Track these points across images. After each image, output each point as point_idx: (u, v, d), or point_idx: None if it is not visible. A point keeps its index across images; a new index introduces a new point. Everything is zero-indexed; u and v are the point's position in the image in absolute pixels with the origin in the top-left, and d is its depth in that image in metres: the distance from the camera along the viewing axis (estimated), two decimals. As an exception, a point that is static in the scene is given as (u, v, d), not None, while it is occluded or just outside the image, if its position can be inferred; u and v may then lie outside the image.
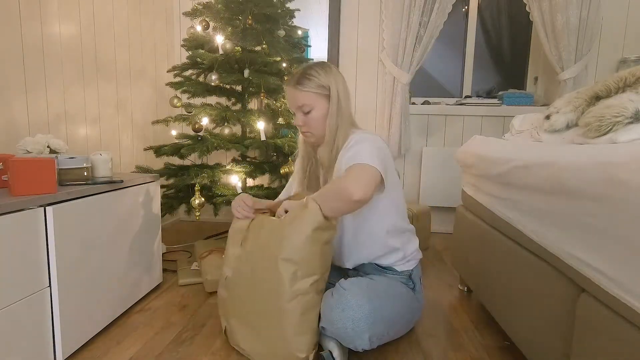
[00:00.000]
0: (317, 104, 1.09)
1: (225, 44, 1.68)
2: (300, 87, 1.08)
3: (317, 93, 1.08)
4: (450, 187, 2.41)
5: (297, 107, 1.11)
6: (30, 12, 1.43)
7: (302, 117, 1.11)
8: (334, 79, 1.09)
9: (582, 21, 2.14)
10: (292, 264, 0.97)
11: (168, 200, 1.81)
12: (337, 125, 1.09)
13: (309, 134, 1.13)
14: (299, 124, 1.12)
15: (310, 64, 1.12)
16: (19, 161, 0.95)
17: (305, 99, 1.08)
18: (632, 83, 0.87)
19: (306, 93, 1.08)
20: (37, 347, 0.96)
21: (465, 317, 1.36)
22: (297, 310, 0.98)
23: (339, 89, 1.09)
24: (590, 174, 0.67)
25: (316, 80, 1.08)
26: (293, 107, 1.13)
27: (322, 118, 1.09)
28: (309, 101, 1.08)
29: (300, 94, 1.08)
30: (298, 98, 1.09)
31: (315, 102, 1.08)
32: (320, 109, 1.09)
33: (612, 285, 0.63)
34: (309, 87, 1.08)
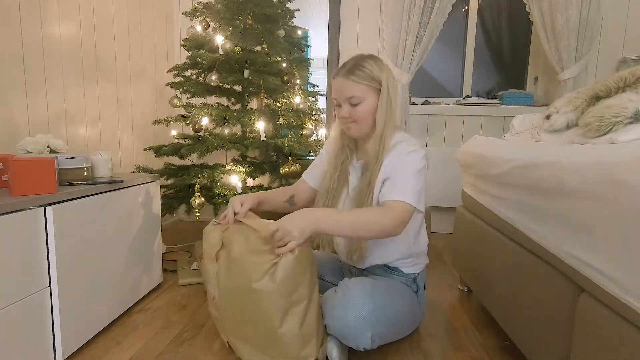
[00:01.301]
0: (368, 97, 1.06)
1: (225, 44, 1.68)
2: (353, 77, 1.05)
3: (369, 85, 1.05)
4: (450, 187, 2.41)
5: (345, 99, 1.07)
6: (30, 12, 1.43)
7: (349, 109, 1.07)
8: (386, 73, 1.07)
9: (582, 21, 2.14)
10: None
11: (168, 200, 1.81)
12: (385, 120, 1.07)
13: (353, 125, 1.09)
14: (344, 115, 1.08)
15: (363, 55, 1.09)
16: (19, 161, 0.95)
17: (356, 90, 1.05)
18: (632, 83, 0.87)
19: (358, 84, 1.05)
20: (37, 347, 0.96)
21: (465, 317, 1.36)
22: (294, 329, 0.94)
23: (389, 83, 1.07)
24: (590, 174, 0.67)
25: (369, 72, 1.05)
26: (340, 98, 1.08)
27: (370, 112, 1.07)
28: (360, 93, 1.05)
29: (352, 84, 1.05)
30: (349, 89, 1.05)
31: (366, 95, 1.06)
32: (370, 102, 1.06)
33: (612, 285, 0.63)
34: (362, 78, 1.05)
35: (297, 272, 0.94)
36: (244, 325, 1.00)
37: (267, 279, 0.92)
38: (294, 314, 0.94)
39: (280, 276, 0.91)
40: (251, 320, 0.97)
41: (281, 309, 0.93)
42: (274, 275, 0.92)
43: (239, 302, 0.98)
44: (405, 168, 1.03)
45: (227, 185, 1.79)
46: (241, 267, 0.96)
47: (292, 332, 0.94)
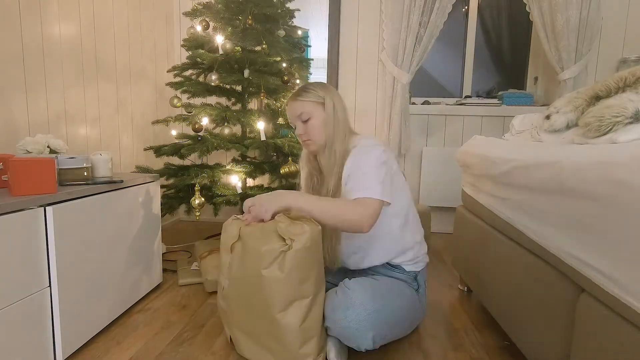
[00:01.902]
0: (315, 112, 1.15)
1: (225, 44, 1.68)
2: (299, 97, 1.17)
3: (315, 102, 1.15)
4: (450, 187, 2.41)
5: (296, 117, 1.17)
6: (30, 12, 1.43)
7: (302, 126, 1.17)
8: (330, 93, 1.17)
9: (582, 21, 2.14)
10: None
11: (168, 200, 1.81)
12: (333, 131, 1.14)
13: (309, 142, 1.18)
14: (299, 133, 1.18)
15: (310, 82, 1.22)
16: (19, 161, 0.95)
17: (302, 107, 1.16)
18: (632, 83, 0.87)
19: (303, 102, 1.16)
20: (37, 347, 0.96)
21: (465, 317, 1.36)
22: (295, 323, 0.96)
23: (334, 100, 1.16)
24: (590, 174, 0.67)
25: (313, 92, 1.16)
26: (293, 119, 1.19)
27: (320, 126, 1.15)
28: (306, 109, 1.15)
29: (298, 103, 1.16)
30: (297, 108, 1.16)
31: (312, 110, 1.15)
32: (317, 116, 1.15)
33: (612, 285, 0.63)
34: (306, 97, 1.16)
35: (305, 264, 0.97)
36: (249, 315, 1.01)
37: (276, 267, 0.94)
38: (298, 307, 0.96)
39: (288, 265, 0.94)
40: (257, 309, 0.98)
41: (286, 299, 0.95)
42: (283, 264, 0.94)
43: (248, 290, 1.00)
44: (363, 165, 1.06)
45: (227, 185, 1.79)
46: (253, 256, 0.98)
47: (293, 326, 0.95)
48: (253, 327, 1.01)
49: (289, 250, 0.94)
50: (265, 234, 1.00)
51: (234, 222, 1.10)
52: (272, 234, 1.00)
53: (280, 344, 0.97)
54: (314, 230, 1.00)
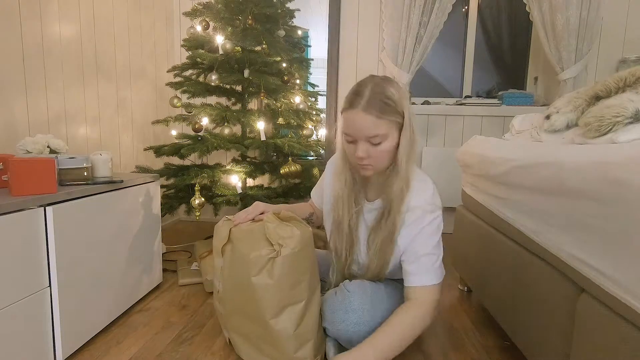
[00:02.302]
0: (391, 134, 0.91)
1: (225, 44, 1.68)
2: (376, 112, 0.88)
3: (393, 121, 0.90)
4: (450, 187, 2.41)
5: (366, 137, 0.90)
6: (30, 12, 1.43)
7: (369, 148, 0.91)
8: (406, 100, 0.92)
9: (582, 21, 2.14)
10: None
11: (168, 200, 1.81)
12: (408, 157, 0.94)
13: (370, 167, 0.95)
14: (361, 156, 0.91)
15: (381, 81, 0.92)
16: (19, 161, 0.95)
17: (379, 128, 0.88)
18: (632, 83, 0.87)
19: (382, 120, 0.88)
20: (37, 347, 0.96)
21: (465, 317, 1.36)
22: (289, 329, 0.94)
23: (411, 114, 0.92)
24: (590, 174, 0.67)
25: (394, 105, 0.89)
26: (358, 135, 0.91)
27: (391, 150, 0.93)
28: (383, 131, 0.89)
29: (375, 121, 0.88)
30: (372, 127, 0.88)
31: (389, 132, 0.91)
32: (392, 139, 0.92)
33: (612, 285, 0.63)
34: (387, 113, 0.88)
35: (296, 269, 0.95)
36: (243, 319, 1.00)
37: (265, 274, 0.93)
38: (291, 312, 0.95)
39: (278, 272, 0.92)
40: (250, 315, 0.98)
41: (278, 305, 0.94)
42: (272, 271, 0.93)
43: (240, 296, 0.99)
44: (427, 244, 0.97)
45: (227, 185, 1.79)
46: (242, 262, 0.97)
47: (287, 331, 0.94)
48: (248, 330, 1.01)
49: (277, 257, 0.93)
50: (254, 238, 0.98)
51: (225, 223, 1.08)
52: (260, 238, 0.98)
53: (275, 348, 0.97)
54: (304, 233, 0.97)
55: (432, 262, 0.99)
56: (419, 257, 0.98)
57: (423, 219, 0.97)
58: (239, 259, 0.98)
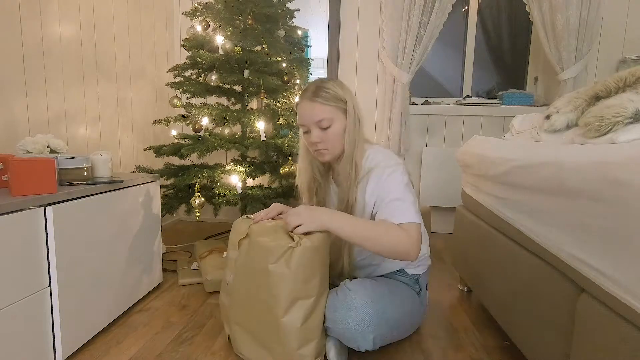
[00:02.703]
0: (337, 119, 1.04)
1: (225, 44, 1.68)
2: (319, 100, 1.02)
3: (336, 107, 1.03)
4: (450, 187, 2.41)
5: (314, 122, 1.04)
6: (30, 12, 1.43)
7: (320, 133, 1.04)
8: (349, 94, 1.06)
9: (582, 21, 2.14)
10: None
11: (168, 200, 1.81)
12: (355, 141, 1.04)
13: (325, 151, 1.06)
14: (315, 140, 1.04)
15: (320, 79, 1.08)
16: (19, 161, 0.95)
17: (324, 112, 1.02)
18: (632, 83, 0.87)
19: (325, 106, 1.02)
20: (37, 347, 0.96)
21: (465, 317, 1.36)
22: (296, 322, 0.95)
23: (354, 102, 1.06)
24: (590, 174, 0.67)
25: (334, 94, 1.03)
26: (309, 122, 1.05)
27: (340, 133, 1.05)
28: (328, 115, 1.02)
29: (319, 107, 1.02)
30: (317, 112, 1.02)
31: (334, 117, 1.03)
32: (339, 123, 1.04)
33: (612, 285, 0.63)
34: (328, 100, 1.02)
35: (312, 264, 0.96)
36: (251, 310, 1.01)
37: (283, 263, 0.94)
38: (301, 306, 0.96)
39: (295, 263, 0.94)
40: (259, 305, 0.98)
41: (290, 295, 0.94)
42: (290, 261, 0.94)
43: (252, 285, 1.00)
44: (394, 191, 1.01)
45: (227, 185, 1.79)
46: (260, 250, 0.98)
47: (294, 325, 0.95)
48: (253, 323, 1.01)
49: (298, 247, 0.94)
50: (274, 232, 1.01)
51: (244, 220, 1.11)
52: (281, 231, 1.01)
53: (279, 342, 0.97)
54: (324, 234, 1.00)
55: (405, 206, 0.99)
56: (387, 203, 1.00)
57: (383, 172, 1.03)
58: (258, 248, 0.99)
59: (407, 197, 1.01)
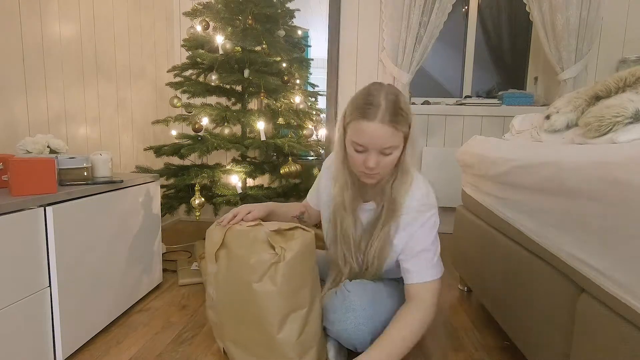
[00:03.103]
0: (400, 145, 0.93)
1: (225, 44, 1.68)
2: (395, 125, 0.87)
3: (404, 132, 0.91)
4: (450, 187, 2.41)
5: (380, 148, 0.90)
6: (30, 12, 1.43)
7: (379, 159, 0.91)
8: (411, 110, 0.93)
9: (582, 21, 2.14)
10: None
11: (168, 200, 1.81)
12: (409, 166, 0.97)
13: (377, 175, 0.95)
14: (371, 166, 0.90)
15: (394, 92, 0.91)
16: (19, 161, 0.95)
17: (394, 139, 0.89)
18: (632, 83, 0.87)
19: (398, 132, 0.89)
20: (37, 347, 0.96)
21: (465, 317, 1.36)
22: (292, 337, 0.91)
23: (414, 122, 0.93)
24: (590, 174, 0.67)
25: (406, 116, 0.90)
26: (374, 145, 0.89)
27: (395, 161, 0.94)
28: (397, 142, 0.90)
29: (394, 133, 0.88)
30: (389, 139, 0.88)
31: (399, 144, 0.92)
32: (400, 148, 0.93)
33: (612, 285, 0.63)
34: (402, 125, 0.89)
35: (299, 274, 0.93)
36: (241, 326, 0.97)
37: (268, 280, 0.90)
38: (294, 320, 0.92)
39: (281, 278, 0.89)
40: (249, 322, 0.94)
41: (281, 313, 0.90)
42: (275, 277, 0.90)
43: (238, 304, 0.96)
44: (424, 241, 1.00)
45: (227, 185, 1.79)
46: (241, 267, 0.94)
47: (290, 339, 0.91)
48: (247, 338, 0.96)
49: (280, 262, 0.89)
50: (252, 241, 0.95)
51: (218, 227, 1.04)
52: (259, 240, 0.94)
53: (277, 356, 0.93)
54: (306, 235, 0.96)
55: (429, 259, 1.01)
56: (417, 254, 1.00)
57: (418, 219, 1.00)
58: (237, 263, 0.94)
59: (433, 247, 1.02)
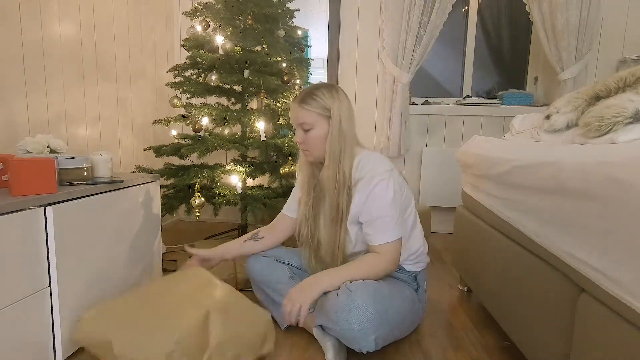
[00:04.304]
0: (318, 124, 1.10)
1: (225, 44, 1.68)
2: (304, 105, 1.10)
3: (319, 113, 1.10)
4: (450, 187, 2.41)
5: (298, 124, 1.13)
6: (30, 12, 1.43)
7: (302, 135, 1.13)
8: (338, 101, 1.11)
9: (582, 21, 2.14)
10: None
11: (168, 200, 1.81)
12: (339, 148, 1.10)
13: (307, 152, 1.15)
14: (298, 140, 1.14)
15: (319, 84, 1.14)
16: (19, 161, 0.95)
17: (306, 117, 1.10)
18: (632, 83, 0.87)
19: (308, 112, 1.10)
20: (37, 347, 0.96)
21: (465, 317, 1.36)
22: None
23: (341, 111, 1.10)
24: (590, 174, 0.67)
25: (320, 101, 1.10)
26: (294, 124, 1.15)
27: (321, 138, 1.11)
28: (309, 120, 1.10)
29: (302, 112, 1.10)
30: (300, 116, 1.11)
31: (315, 122, 1.10)
32: (320, 128, 1.11)
33: (612, 285, 0.63)
34: (312, 106, 1.10)
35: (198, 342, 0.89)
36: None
37: None
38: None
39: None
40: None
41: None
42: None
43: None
44: (377, 208, 1.07)
45: (227, 185, 1.79)
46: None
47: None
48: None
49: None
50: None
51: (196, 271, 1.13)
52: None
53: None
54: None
55: (386, 223, 1.07)
56: (374, 220, 1.08)
57: (369, 184, 1.07)
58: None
59: (390, 212, 1.07)
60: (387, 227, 1.07)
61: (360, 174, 1.09)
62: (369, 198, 1.07)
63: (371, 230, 1.08)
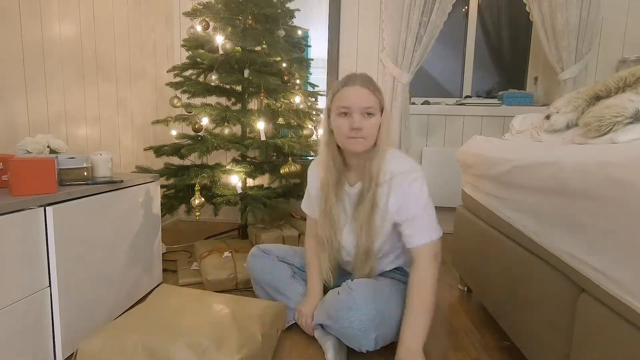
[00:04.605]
0: (377, 112, 1.04)
1: (225, 44, 1.68)
2: (371, 88, 1.03)
3: (380, 102, 1.05)
4: (450, 187, 2.41)
5: (361, 108, 1.01)
6: (30, 12, 1.43)
7: (363, 120, 1.02)
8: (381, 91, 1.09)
9: (582, 21, 2.14)
10: None
11: (168, 200, 1.81)
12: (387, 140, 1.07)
13: (362, 140, 1.03)
14: (357, 126, 1.01)
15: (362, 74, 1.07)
16: (19, 161, 0.95)
17: (372, 101, 1.02)
18: (632, 83, 0.87)
19: (374, 96, 1.03)
20: (37, 347, 0.96)
21: (465, 317, 1.36)
22: None
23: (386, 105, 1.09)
24: (591, 174, 0.67)
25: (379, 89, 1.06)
26: (355, 107, 1.01)
27: (377, 127, 1.05)
28: (374, 104, 1.03)
29: (371, 96, 1.02)
30: (369, 99, 1.02)
31: (376, 110, 1.04)
32: (377, 118, 1.04)
33: (612, 285, 0.63)
34: (379, 92, 1.05)
35: None
36: None
37: None
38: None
39: None
40: None
41: None
42: None
43: None
44: (415, 207, 1.05)
45: (227, 185, 1.79)
46: None
47: None
48: None
49: None
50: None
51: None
52: None
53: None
54: None
55: (425, 221, 1.06)
56: (413, 218, 1.05)
57: (405, 180, 1.05)
58: None
59: (428, 210, 1.06)
60: (428, 226, 1.06)
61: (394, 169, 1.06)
62: (407, 195, 1.04)
63: (411, 231, 1.05)
